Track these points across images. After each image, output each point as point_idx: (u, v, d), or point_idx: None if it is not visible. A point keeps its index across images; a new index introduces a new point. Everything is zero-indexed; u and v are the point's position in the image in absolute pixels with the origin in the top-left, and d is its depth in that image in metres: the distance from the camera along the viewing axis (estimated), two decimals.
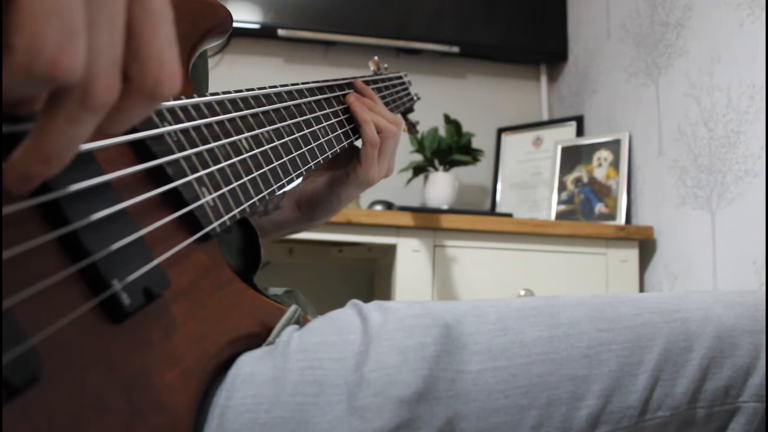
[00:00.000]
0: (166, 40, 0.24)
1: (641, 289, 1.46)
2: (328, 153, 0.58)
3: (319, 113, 0.60)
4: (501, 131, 1.94)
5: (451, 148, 1.69)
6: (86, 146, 0.30)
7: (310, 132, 0.56)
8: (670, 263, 1.39)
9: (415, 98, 0.98)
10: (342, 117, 0.65)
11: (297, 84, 0.58)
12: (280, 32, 1.79)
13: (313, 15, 1.81)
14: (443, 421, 0.34)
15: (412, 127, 1.16)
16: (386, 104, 0.81)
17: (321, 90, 0.62)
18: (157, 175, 0.36)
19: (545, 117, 2.00)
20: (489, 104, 1.99)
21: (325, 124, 0.60)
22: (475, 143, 1.79)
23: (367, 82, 0.76)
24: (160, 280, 0.32)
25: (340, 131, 0.63)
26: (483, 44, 1.91)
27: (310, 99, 0.59)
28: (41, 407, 0.25)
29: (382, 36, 1.85)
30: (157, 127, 0.37)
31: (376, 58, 0.90)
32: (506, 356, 0.37)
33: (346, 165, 0.69)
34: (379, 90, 0.79)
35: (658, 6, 1.49)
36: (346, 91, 0.68)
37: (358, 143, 0.69)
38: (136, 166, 0.34)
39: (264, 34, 1.81)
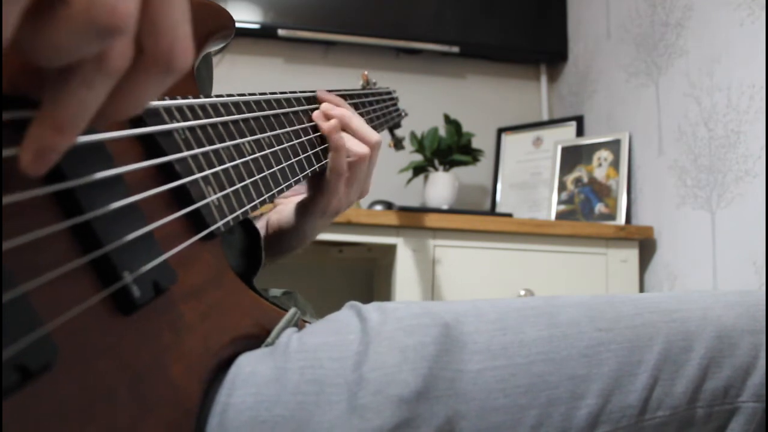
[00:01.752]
0: (180, 14, 0.25)
1: (641, 289, 1.46)
2: (324, 161, 0.58)
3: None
4: (501, 131, 1.94)
5: (451, 148, 1.69)
6: (99, 137, 0.31)
7: (307, 140, 0.56)
8: (670, 263, 1.39)
9: (403, 114, 0.98)
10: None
11: (295, 92, 0.59)
12: (280, 32, 1.79)
13: (313, 15, 1.81)
14: (443, 420, 0.35)
15: (398, 143, 1.15)
16: (376, 118, 0.80)
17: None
18: (166, 172, 0.36)
19: (545, 117, 2.00)
20: (489, 104, 1.99)
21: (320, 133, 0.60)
22: (475, 143, 1.79)
23: (359, 95, 0.74)
24: (168, 274, 0.33)
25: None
26: (483, 44, 1.91)
27: (306, 107, 0.59)
28: (52, 394, 0.25)
29: (382, 36, 1.85)
30: (167, 124, 0.37)
31: (365, 72, 0.90)
32: (506, 356, 0.37)
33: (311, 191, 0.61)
34: (369, 104, 0.78)
35: (658, 6, 1.49)
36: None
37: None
38: (148, 161, 0.35)
39: (264, 34, 1.81)
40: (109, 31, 0.21)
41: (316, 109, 0.60)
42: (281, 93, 0.56)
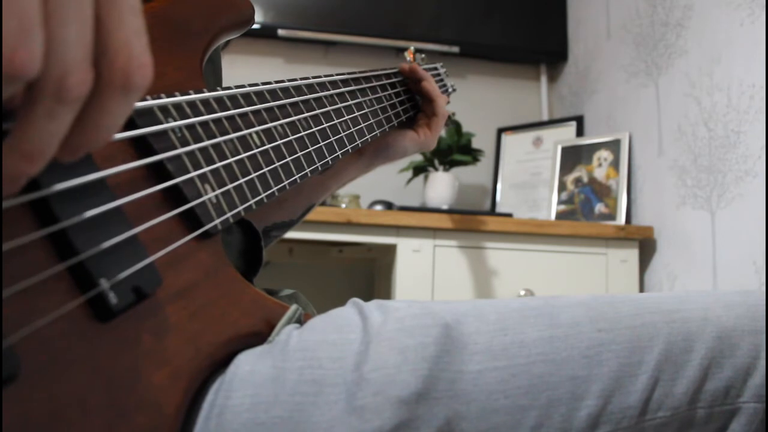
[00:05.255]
0: (134, 30, 0.24)
1: (641, 289, 1.45)
2: (348, 147, 0.56)
3: (341, 105, 0.58)
4: (501, 131, 1.93)
5: (451, 148, 1.69)
6: None
7: (329, 126, 0.54)
8: (670, 263, 1.38)
9: (450, 89, 0.97)
10: (367, 109, 0.63)
11: (320, 77, 0.56)
12: (280, 32, 1.79)
13: (313, 15, 1.80)
14: (443, 421, 0.34)
15: (448, 119, 1.15)
16: None
17: (345, 82, 0.60)
18: (158, 172, 0.35)
19: (545, 117, 2.00)
20: (489, 104, 1.99)
21: (347, 117, 0.58)
22: (475, 143, 1.79)
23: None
24: (151, 278, 0.32)
25: (363, 124, 0.61)
26: (483, 44, 1.91)
27: (332, 92, 0.57)
28: (19, 406, 0.25)
29: (382, 36, 1.85)
30: (161, 123, 0.36)
31: (411, 48, 0.90)
32: (506, 356, 0.37)
33: (413, 126, 0.76)
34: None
35: (658, 6, 1.49)
36: (373, 84, 0.66)
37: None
38: (131, 163, 0.34)
39: (264, 34, 1.81)
40: (10, 78, 0.21)
41: (342, 93, 0.59)
42: (302, 78, 0.53)
